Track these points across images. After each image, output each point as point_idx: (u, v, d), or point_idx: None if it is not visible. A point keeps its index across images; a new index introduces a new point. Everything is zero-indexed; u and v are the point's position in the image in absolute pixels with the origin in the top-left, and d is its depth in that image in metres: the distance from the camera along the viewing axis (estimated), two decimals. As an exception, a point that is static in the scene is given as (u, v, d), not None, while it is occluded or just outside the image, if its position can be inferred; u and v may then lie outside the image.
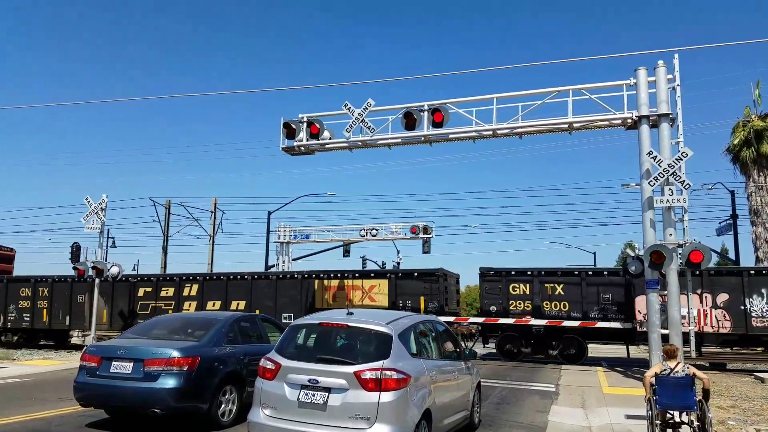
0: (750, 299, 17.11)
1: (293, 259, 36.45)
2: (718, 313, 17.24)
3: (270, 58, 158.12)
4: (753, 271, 17.95)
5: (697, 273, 17.64)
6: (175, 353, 7.58)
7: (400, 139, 17.20)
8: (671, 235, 14.14)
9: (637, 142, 15.08)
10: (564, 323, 18.38)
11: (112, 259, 21.60)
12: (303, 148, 17.99)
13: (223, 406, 8.04)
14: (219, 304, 22.44)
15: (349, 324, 6.33)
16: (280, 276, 22.90)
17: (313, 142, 17.74)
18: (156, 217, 36.25)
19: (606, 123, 15.93)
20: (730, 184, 30.22)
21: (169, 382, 7.41)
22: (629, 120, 15.38)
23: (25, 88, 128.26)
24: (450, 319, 20.46)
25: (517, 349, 19.10)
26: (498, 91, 16.60)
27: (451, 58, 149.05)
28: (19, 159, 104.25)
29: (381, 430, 5.50)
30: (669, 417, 7.42)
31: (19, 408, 9.24)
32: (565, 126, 16.06)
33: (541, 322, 18.65)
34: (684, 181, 13.84)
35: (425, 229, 32.36)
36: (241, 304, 22.07)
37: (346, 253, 35.92)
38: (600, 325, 18.06)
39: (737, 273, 17.94)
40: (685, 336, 14.34)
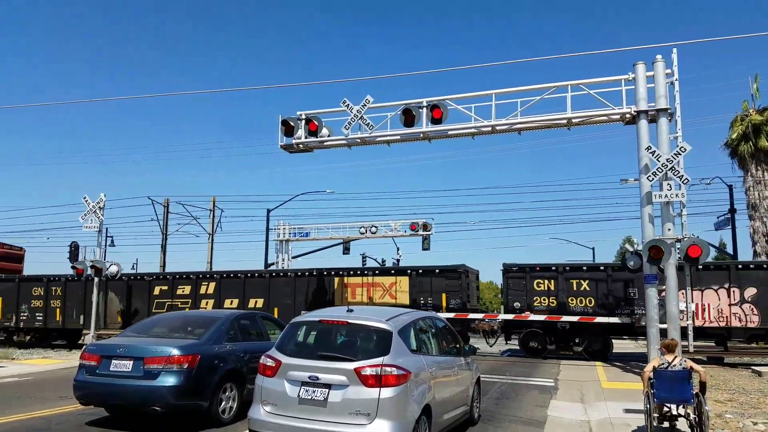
0: None
1: (293, 257, 36.43)
2: (746, 307, 17.10)
3: (270, 58, 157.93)
4: None
5: (723, 267, 17.70)
6: (175, 351, 7.59)
7: (399, 136, 17.17)
8: (670, 230, 14.16)
9: (636, 137, 15.08)
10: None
11: (110, 258, 21.59)
12: (301, 146, 17.95)
13: (223, 403, 8.06)
14: (237, 302, 21.93)
15: (349, 321, 6.34)
16: (299, 273, 22.23)
17: (312, 139, 17.71)
18: (155, 216, 36.26)
19: (605, 118, 15.92)
20: (729, 179, 30.27)
21: (170, 380, 7.42)
22: (628, 115, 15.36)
23: (24, 88, 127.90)
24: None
25: (542, 345, 18.87)
26: (497, 89, 16.51)
27: (451, 58, 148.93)
28: (18, 158, 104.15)
29: (381, 426, 5.52)
30: (666, 410, 7.49)
31: (19, 407, 9.24)
32: (564, 121, 16.05)
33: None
34: (682, 176, 13.84)
35: (425, 226, 32.37)
36: (259, 302, 21.64)
37: (346, 250, 35.90)
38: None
39: (766, 267, 17.74)
40: (685, 331, 14.35)
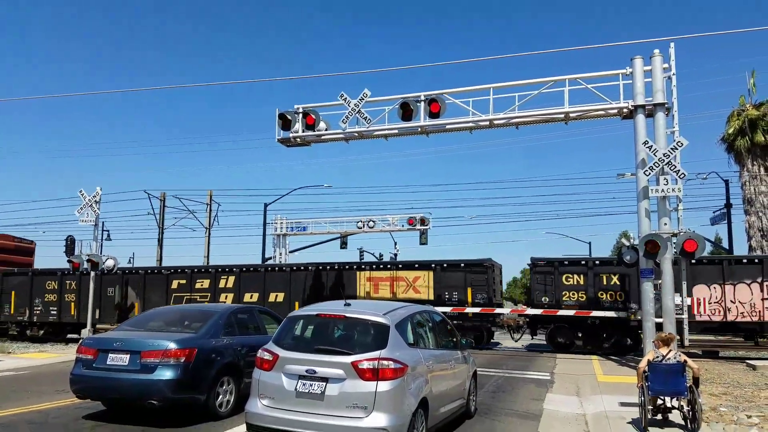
0: None
1: (290, 251, 36.38)
2: None
3: (270, 58, 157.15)
4: None
5: (756, 261, 17.65)
6: (171, 345, 7.58)
7: (396, 130, 17.14)
8: (666, 224, 14.19)
9: (633, 131, 15.09)
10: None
11: (107, 252, 21.60)
12: (299, 140, 17.90)
13: (220, 397, 8.06)
14: (257, 296, 21.79)
15: (347, 315, 6.34)
16: (320, 267, 22.06)
17: (309, 133, 17.65)
18: (151, 209, 36.18)
19: (602, 113, 15.92)
20: (725, 174, 30.48)
21: (166, 374, 7.41)
22: (625, 109, 15.37)
23: (24, 88, 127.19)
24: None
25: (570, 340, 18.73)
26: (495, 84, 16.46)
27: (451, 58, 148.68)
28: (16, 156, 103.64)
29: (378, 419, 5.53)
30: (660, 403, 7.56)
31: (16, 401, 9.23)
32: (562, 116, 16.04)
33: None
34: (679, 170, 13.86)
35: (422, 221, 32.32)
36: (280, 296, 21.51)
37: (343, 245, 35.84)
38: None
39: None
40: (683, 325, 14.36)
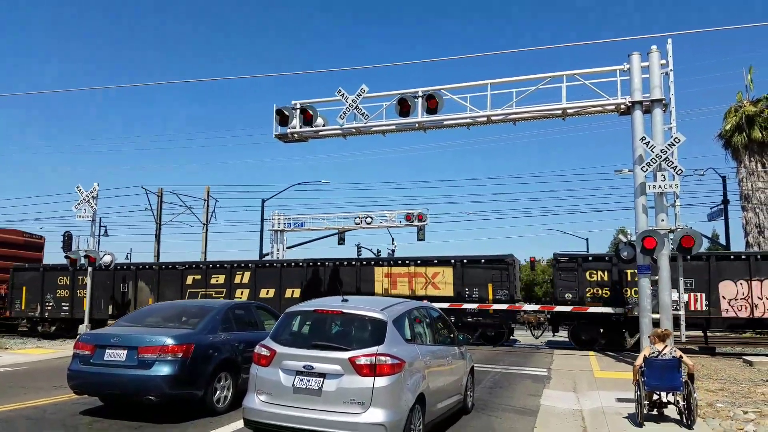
0: None
1: (288, 247, 36.38)
2: None
3: (270, 58, 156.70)
4: None
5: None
6: (169, 341, 7.58)
7: (394, 126, 17.10)
8: (663, 220, 14.21)
9: (631, 128, 15.09)
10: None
11: (104, 248, 21.58)
12: (296, 135, 17.85)
13: (218, 392, 8.07)
14: (273, 292, 21.63)
15: (344, 310, 6.34)
16: (338, 263, 21.82)
17: (307, 129, 17.62)
18: (148, 205, 36.13)
19: (599, 109, 15.91)
20: (722, 170, 30.42)
21: (164, 370, 7.42)
22: (623, 106, 15.36)
23: (24, 88, 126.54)
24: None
25: (593, 338, 18.47)
26: (492, 80, 16.44)
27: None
28: (15, 154, 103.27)
29: (375, 415, 5.54)
30: (656, 398, 7.61)
31: (13, 396, 9.22)
32: (559, 112, 16.02)
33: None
34: (676, 166, 13.87)
35: (420, 217, 32.34)
36: (296, 292, 21.34)
37: (341, 241, 35.86)
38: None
39: None
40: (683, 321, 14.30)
